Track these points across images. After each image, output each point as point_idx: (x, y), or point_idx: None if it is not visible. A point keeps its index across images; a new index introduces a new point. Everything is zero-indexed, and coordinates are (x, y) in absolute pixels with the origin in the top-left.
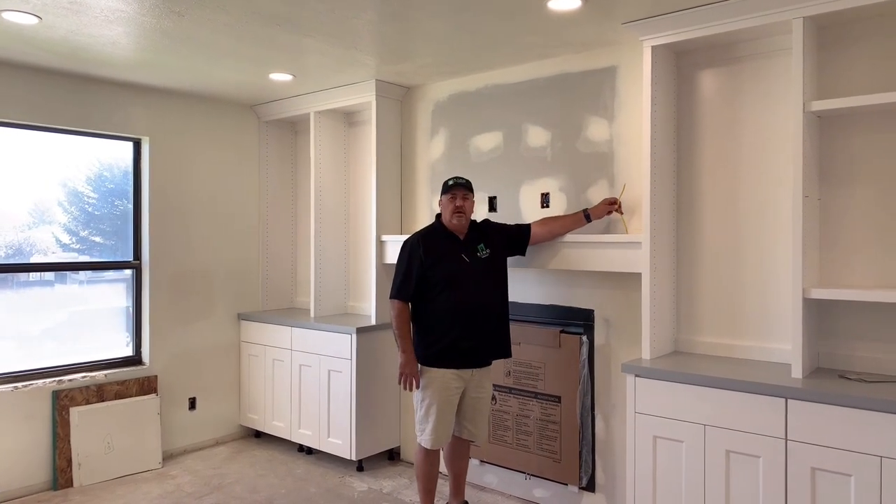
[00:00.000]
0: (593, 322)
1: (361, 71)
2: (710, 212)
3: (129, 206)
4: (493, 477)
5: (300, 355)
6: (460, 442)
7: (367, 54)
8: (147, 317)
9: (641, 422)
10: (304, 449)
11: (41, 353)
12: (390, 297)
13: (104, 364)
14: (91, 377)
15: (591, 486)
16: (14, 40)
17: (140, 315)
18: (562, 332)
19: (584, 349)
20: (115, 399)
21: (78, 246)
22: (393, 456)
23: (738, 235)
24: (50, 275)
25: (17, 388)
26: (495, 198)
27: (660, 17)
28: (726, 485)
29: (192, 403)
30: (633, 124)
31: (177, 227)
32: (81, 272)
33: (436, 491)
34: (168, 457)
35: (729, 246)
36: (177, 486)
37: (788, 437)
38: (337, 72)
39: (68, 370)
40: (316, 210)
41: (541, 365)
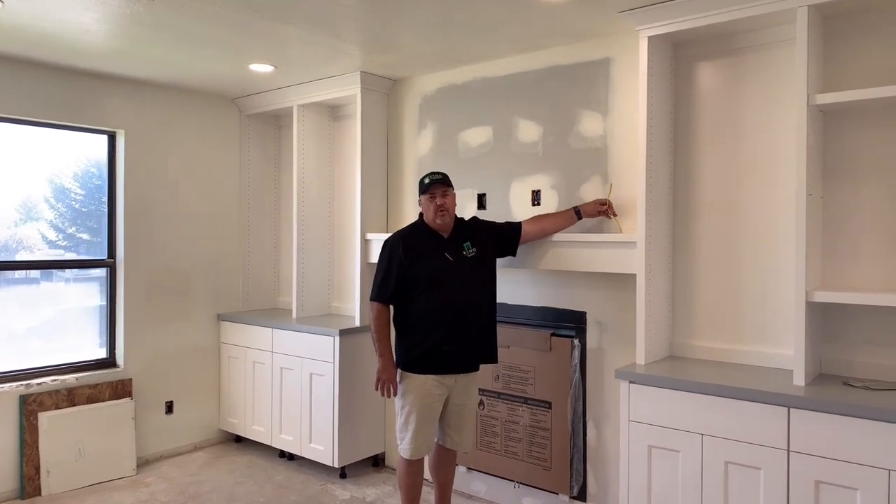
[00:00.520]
0: (585, 325)
1: (346, 62)
2: (708, 210)
3: (104, 201)
4: (480, 485)
5: (281, 358)
6: (445, 451)
7: (351, 44)
8: (122, 317)
9: (636, 430)
10: (285, 455)
11: (7, 354)
12: (370, 298)
13: (76, 367)
14: (61, 381)
15: (582, 496)
16: None
17: (114, 316)
18: (553, 335)
19: (576, 353)
20: (88, 403)
21: (65, 243)
22: (377, 462)
23: (736, 235)
24: (36, 272)
25: None
26: (484, 195)
27: (657, 5)
28: (725, 498)
29: (169, 407)
30: (627, 119)
31: (154, 224)
32: (68, 270)
33: (420, 500)
34: (143, 463)
35: (727, 246)
36: (150, 495)
37: (791, 449)
38: (320, 63)
39: (37, 373)
40: (298, 207)
41: (531, 369)
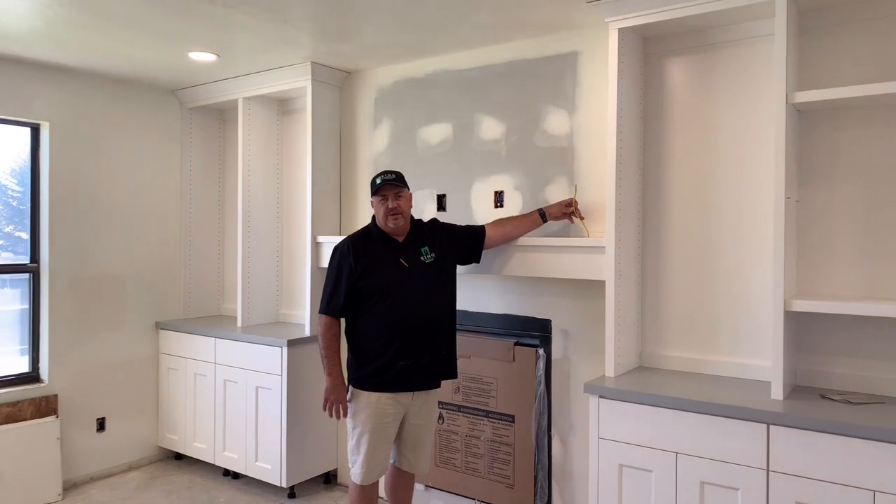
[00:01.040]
0: (551, 333)
1: (295, 52)
2: (680, 214)
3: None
4: (439, 503)
5: (225, 369)
6: (401, 473)
7: (301, 31)
8: (46, 328)
9: (606, 448)
10: (229, 473)
11: None
12: (319, 311)
13: None
14: None
15: None
16: None
17: (38, 326)
18: (516, 344)
19: (541, 363)
20: (6, 423)
21: (1, 242)
22: (329, 479)
23: (709, 240)
24: None
25: None
26: (444, 196)
27: None
28: None
29: (101, 424)
30: (596, 116)
31: (83, 226)
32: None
33: None
34: (70, 486)
35: (700, 251)
36: None
37: (770, 468)
38: (267, 52)
39: None
40: (244, 207)
41: (493, 380)
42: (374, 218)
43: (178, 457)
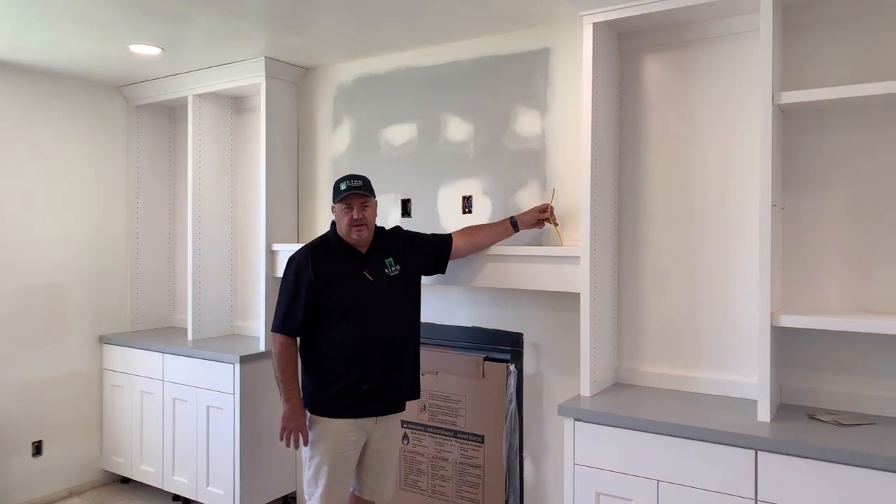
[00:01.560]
0: (522, 348)
1: (247, 45)
2: (659, 221)
3: None
4: None
5: (173, 387)
6: (362, 502)
7: (253, 24)
8: None
9: (582, 475)
10: (179, 499)
11: None
12: (272, 329)
13: None
14: None
15: None
16: None
17: None
18: (486, 359)
19: (512, 380)
20: None
21: None
22: (288, 502)
23: (690, 249)
24: None
25: None
26: (409, 201)
27: None
28: None
29: (38, 448)
30: (569, 117)
31: (15, 232)
32: None
33: None
34: None
35: (679, 261)
36: None
37: (759, 498)
38: (217, 46)
39: None
40: (194, 212)
41: (461, 398)
42: (333, 225)
43: (125, 480)
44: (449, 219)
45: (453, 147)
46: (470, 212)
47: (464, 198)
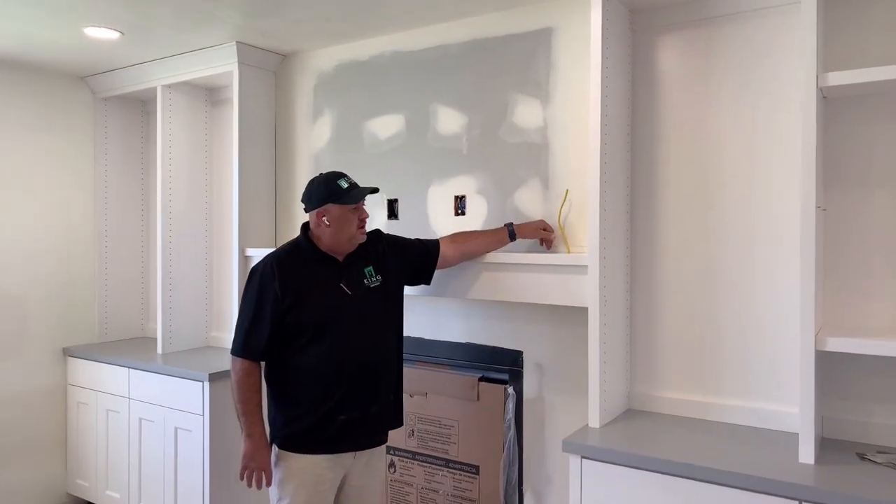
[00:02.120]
0: (522, 367)
1: (218, 29)
2: (677, 225)
3: None
4: None
5: (140, 406)
6: None
7: (225, 5)
8: None
9: None
10: None
11: None
12: (231, 352)
13: None
14: None
15: None
16: None
17: None
18: (481, 379)
19: (510, 403)
20: None
21: None
22: None
23: (713, 257)
24: None
25: None
26: (396, 201)
27: None
28: None
29: None
30: (573, 106)
31: None
32: None
33: None
34: None
35: (700, 271)
36: None
37: None
38: (183, 30)
39: None
40: (164, 213)
41: (454, 423)
42: (304, 228)
43: None
44: (439, 221)
45: (444, 141)
46: (463, 213)
47: (456, 198)
